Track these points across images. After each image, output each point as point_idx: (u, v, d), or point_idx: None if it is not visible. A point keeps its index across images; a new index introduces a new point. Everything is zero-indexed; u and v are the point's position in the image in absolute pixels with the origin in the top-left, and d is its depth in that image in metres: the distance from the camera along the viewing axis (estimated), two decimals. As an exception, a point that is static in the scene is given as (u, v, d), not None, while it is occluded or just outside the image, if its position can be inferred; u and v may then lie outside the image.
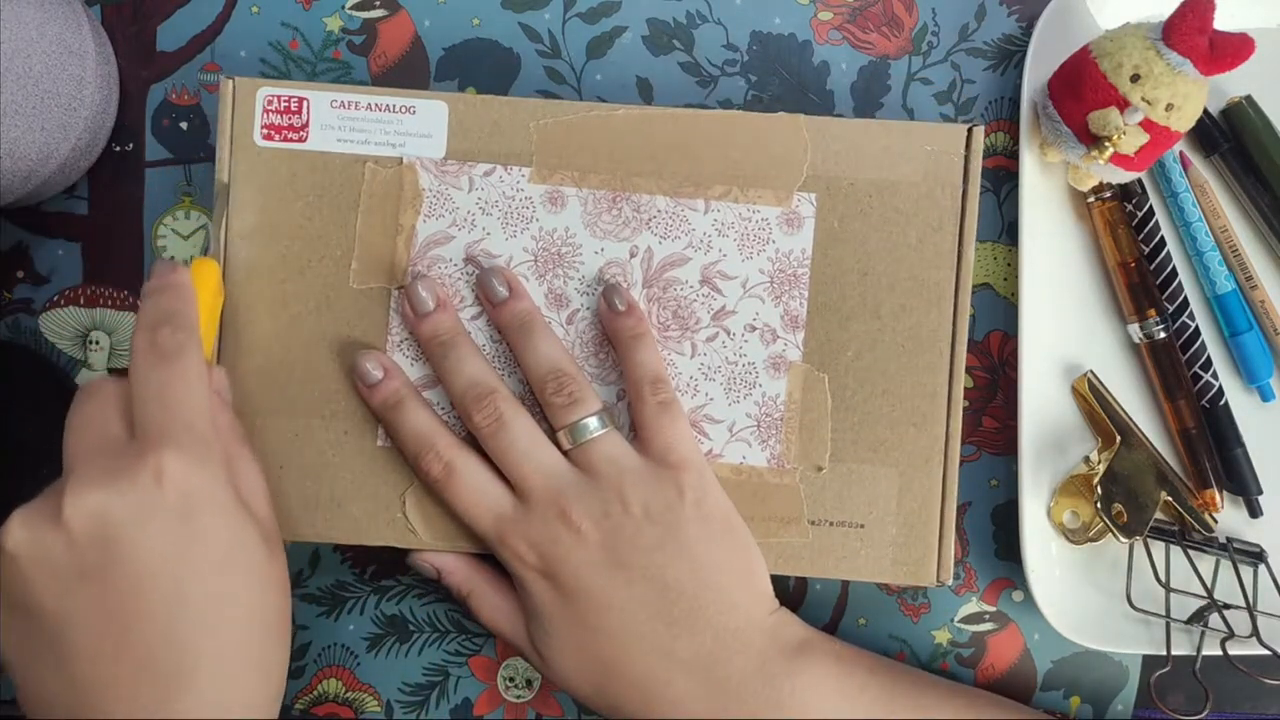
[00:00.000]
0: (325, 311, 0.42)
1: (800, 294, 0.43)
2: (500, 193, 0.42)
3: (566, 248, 0.43)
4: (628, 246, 0.42)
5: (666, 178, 0.42)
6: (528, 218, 0.43)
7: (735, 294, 0.43)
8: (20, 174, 0.42)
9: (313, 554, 0.47)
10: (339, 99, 0.42)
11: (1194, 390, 0.46)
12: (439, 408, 0.42)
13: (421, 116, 0.42)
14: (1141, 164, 0.43)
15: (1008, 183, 0.47)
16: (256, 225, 0.42)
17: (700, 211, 0.42)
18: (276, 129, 0.42)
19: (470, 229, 0.42)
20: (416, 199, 0.42)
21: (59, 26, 0.42)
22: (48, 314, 0.47)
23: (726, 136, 0.42)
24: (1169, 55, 0.40)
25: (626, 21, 0.47)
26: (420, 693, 0.47)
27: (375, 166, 0.42)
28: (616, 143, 0.42)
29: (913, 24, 0.48)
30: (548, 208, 0.42)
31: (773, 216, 0.42)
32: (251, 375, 0.42)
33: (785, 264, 0.43)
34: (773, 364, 0.43)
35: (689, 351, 0.42)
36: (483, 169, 0.42)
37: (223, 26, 0.47)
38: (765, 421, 0.42)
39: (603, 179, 0.42)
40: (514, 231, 0.43)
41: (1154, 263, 0.46)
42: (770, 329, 0.43)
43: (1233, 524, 0.46)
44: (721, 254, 0.42)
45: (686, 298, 0.43)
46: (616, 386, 0.42)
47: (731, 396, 0.42)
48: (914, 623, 0.47)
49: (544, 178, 0.42)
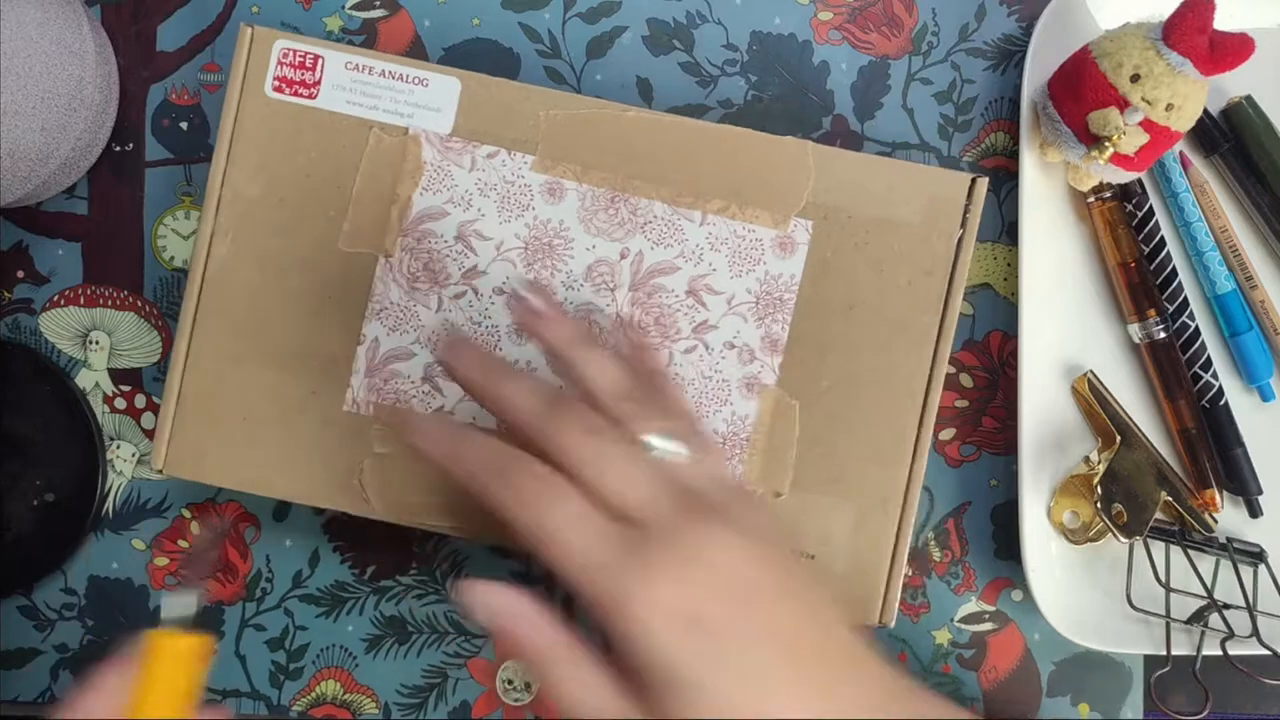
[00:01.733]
0: (311, 270, 0.42)
1: (784, 319, 0.42)
2: (501, 176, 0.42)
3: (559, 240, 0.42)
4: (619, 247, 0.42)
5: (667, 184, 0.42)
6: (524, 205, 0.42)
7: (719, 309, 0.42)
8: (20, 174, 0.42)
9: (313, 554, 0.47)
10: (354, 61, 0.42)
11: (1194, 390, 0.45)
12: (409, 378, 0.42)
13: (434, 90, 0.42)
14: (1141, 164, 0.43)
15: (1008, 183, 0.47)
16: (254, 175, 0.42)
17: (696, 223, 0.42)
18: (288, 83, 0.42)
19: (466, 208, 0.42)
20: (417, 171, 0.42)
21: (59, 26, 0.42)
22: (48, 314, 0.47)
23: (733, 152, 0.42)
24: (1169, 55, 0.40)
25: (626, 21, 0.47)
26: (419, 695, 0.47)
27: (380, 133, 0.42)
28: (623, 143, 0.42)
29: (913, 24, 0.48)
30: (546, 198, 0.42)
31: (767, 238, 0.42)
32: (230, 322, 0.42)
33: (773, 287, 0.42)
34: (747, 384, 0.42)
35: (666, 360, 0.42)
36: (486, 150, 0.42)
37: (223, 26, 0.47)
38: (731, 440, 0.42)
39: (604, 177, 0.42)
40: (509, 216, 0.42)
41: (1154, 263, 0.46)
42: (749, 349, 0.42)
43: (1233, 524, 0.46)
44: (711, 268, 0.42)
45: (670, 306, 0.42)
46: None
47: (702, 410, 0.42)
48: (914, 622, 0.47)
49: (546, 168, 0.42)
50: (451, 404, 0.42)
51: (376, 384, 0.43)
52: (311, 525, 0.47)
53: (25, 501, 0.46)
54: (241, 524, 0.47)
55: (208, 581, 0.40)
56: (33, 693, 0.47)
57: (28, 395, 0.46)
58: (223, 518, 0.47)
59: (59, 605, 0.47)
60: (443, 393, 0.42)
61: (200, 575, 0.36)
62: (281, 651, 0.47)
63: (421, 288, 0.43)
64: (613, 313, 0.42)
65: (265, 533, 0.47)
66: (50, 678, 0.47)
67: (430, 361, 0.43)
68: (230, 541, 0.47)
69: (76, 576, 0.47)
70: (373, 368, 0.43)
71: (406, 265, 0.43)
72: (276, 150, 0.42)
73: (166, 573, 0.47)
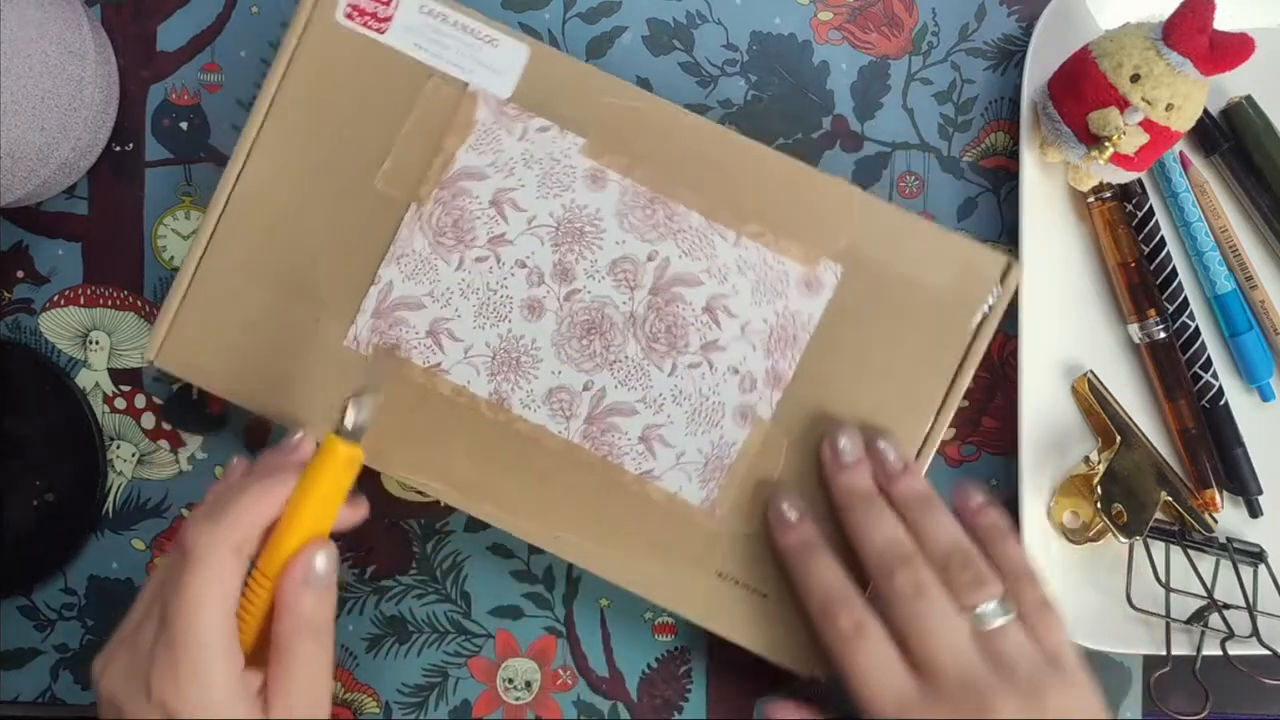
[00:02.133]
0: (341, 201, 0.42)
1: (793, 356, 0.42)
2: (548, 152, 0.42)
3: (591, 228, 0.42)
4: (649, 249, 0.42)
5: (708, 197, 0.42)
6: (566, 185, 0.42)
7: (732, 332, 0.42)
8: (20, 174, 0.42)
9: (312, 554, 0.47)
10: (430, 6, 0.42)
11: (1194, 390, 0.45)
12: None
13: (501, 52, 0.42)
14: (1141, 164, 0.43)
15: (1008, 183, 0.47)
16: (307, 96, 0.42)
17: (729, 242, 0.42)
18: (361, 11, 0.42)
19: (508, 175, 0.42)
20: (467, 128, 0.42)
21: (59, 26, 0.42)
22: (48, 314, 0.47)
23: (781, 180, 0.42)
24: (1169, 55, 0.40)
25: (626, 21, 0.47)
26: (419, 694, 0.47)
27: (439, 82, 0.42)
28: (675, 146, 0.42)
29: (913, 24, 0.48)
30: (588, 184, 0.42)
31: (795, 273, 0.42)
32: (252, 234, 0.42)
33: (790, 322, 0.42)
34: (742, 412, 0.42)
35: (668, 369, 0.42)
36: (540, 123, 0.42)
37: (223, 26, 0.47)
38: (713, 463, 0.42)
39: (648, 175, 0.42)
40: (547, 193, 0.42)
41: (1154, 263, 0.46)
42: (752, 378, 0.42)
43: (1233, 524, 0.46)
44: (734, 289, 0.42)
45: (684, 318, 0.42)
46: (588, 376, 0.42)
47: (691, 427, 0.42)
48: (914, 623, 0.47)
49: (596, 154, 0.42)
50: (449, 364, 0.42)
51: (381, 327, 0.42)
52: (311, 525, 0.47)
53: (25, 501, 0.46)
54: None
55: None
56: (33, 693, 0.47)
57: (28, 395, 0.46)
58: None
59: (59, 605, 0.47)
60: (443, 350, 0.42)
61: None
62: (282, 651, 0.47)
63: (446, 243, 0.42)
64: (628, 311, 0.42)
65: (265, 533, 0.47)
66: (50, 678, 0.47)
67: (437, 317, 0.42)
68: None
69: (76, 576, 0.47)
70: (381, 310, 0.43)
71: (436, 217, 0.42)
72: (334, 77, 0.42)
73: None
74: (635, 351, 0.42)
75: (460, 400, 0.42)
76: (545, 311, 0.42)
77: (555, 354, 0.42)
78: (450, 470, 0.42)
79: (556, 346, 0.42)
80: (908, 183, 0.47)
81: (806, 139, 0.47)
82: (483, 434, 0.42)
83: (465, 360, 0.42)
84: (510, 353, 0.42)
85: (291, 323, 0.42)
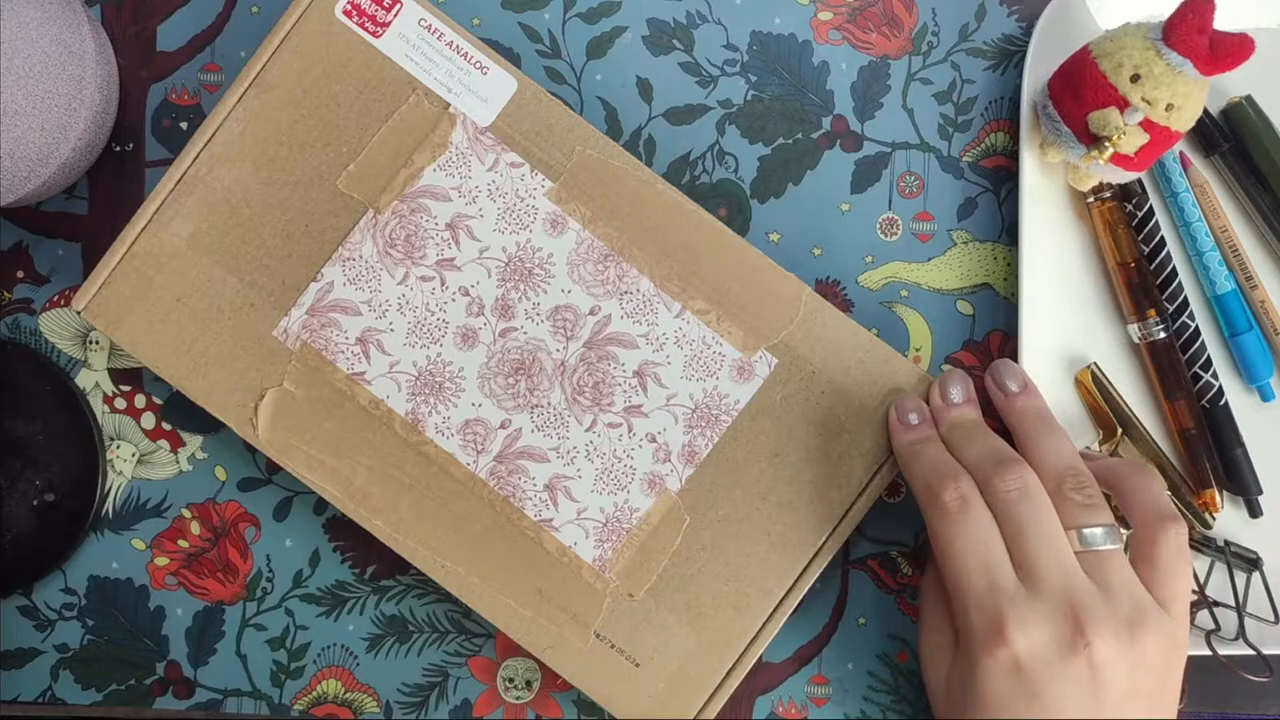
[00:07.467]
0: (300, 192, 0.43)
1: (711, 436, 0.42)
2: (515, 189, 0.42)
3: (540, 271, 0.43)
4: (593, 303, 0.43)
5: (663, 266, 0.42)
6: (525, 224, 0.43)
7: (657, 401, 0.43)
8: (20, 174, 0.42)
9: (313, 554, 0.47)
10: (430, 21, 0.42)
11: (1194, 390, 0.46)
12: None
13: (490, 80, 0.42)
14: (1141, 164, 0.43)
15: (1008, 183, 0.48)
16: (287, 84, 0.42)
17: (673, 313, 0.42)
18: (359, 12, 0.42)
19: (470, 202, 0.42)
20: (440, 148, 0.42)
21: (59, 26, 0.42)
22: (48, 314, 0.47)
23: (738, 264, 0.42)
24: (1169, 55, 0.40)
25: (626, 21, 0.47)
26: (420, 693, 0.47)
27: (422, 97, 0.42)
28: (640, 209, 0.42)
29: (913, 24, 0.48)
30: (547, 227, 0.43)
31: (730, 357, 0.43)
32: (206, 206, 0.43)
33: (715, 403, 0.42)
34: (650, 481, 0.43)
35: (588, 424, 0.43)
36: (512, 158, 0.42)
37: (223, 26, 0.47)
38: (612, 525, 0.42)
39: (608, 232, 0.42)
40: (505, 228, 0.43)
41: (1154, 263, 0.46)
42: (667, 450, 0.43)
43: (1232, 524, 0.46)
44: (668, 360, 0.43)
45: (614, 377, 0.43)
46: (507, 415, 0.42)
47: (599, 486, 0.42)
48: (913, 621, 0.47)
49: (561, 200, 0.42)
50: (373, 375, 0.42)
51: (313, 325, 0.43)
52: (312, 525, 0.47)
53: (25, 501, 0.46)
54: (241, 524, 0.47)
55: None
56: (33, 693, 0.47)
57: (28, 395, 0.46)
58: None
59: (59, 605, 0.47)
60: (369, 360, 0.42)
61: None
62: (283, 651, 0.47)
63: (395, 255, 0.43)
64: (559, 359, 0.43)
65: (265, 533, 0.47)
66: (50, 678, 0.47)
67: (370, 326, 0.42)
68: (230, 541, 0.47)
69: (76, 576, 0.47)
70: (316, 308, 0.43)
71: (390, 228, 0.43)
72: (320, 68, 0.42)
73: (166, 572, 0.47)
74: (559, 400, 0.43)
75: (376, 413, 0.43)
76: (478, 343, 0.43)
77: (479, 386, 0.43)
78: (351, 479, 0.42)
79: (482, 379, 0.43)
80: (907, 183, 0.47)
81: (806, 139, 0.47)
82: (391, 450, 0.42)
83: (389, 374, 0.43)
84: (435, 376, 0.42)
85: (225, 302, 0.43)
